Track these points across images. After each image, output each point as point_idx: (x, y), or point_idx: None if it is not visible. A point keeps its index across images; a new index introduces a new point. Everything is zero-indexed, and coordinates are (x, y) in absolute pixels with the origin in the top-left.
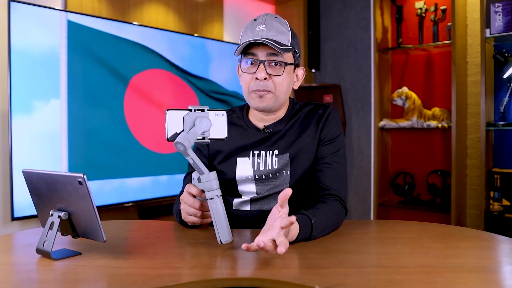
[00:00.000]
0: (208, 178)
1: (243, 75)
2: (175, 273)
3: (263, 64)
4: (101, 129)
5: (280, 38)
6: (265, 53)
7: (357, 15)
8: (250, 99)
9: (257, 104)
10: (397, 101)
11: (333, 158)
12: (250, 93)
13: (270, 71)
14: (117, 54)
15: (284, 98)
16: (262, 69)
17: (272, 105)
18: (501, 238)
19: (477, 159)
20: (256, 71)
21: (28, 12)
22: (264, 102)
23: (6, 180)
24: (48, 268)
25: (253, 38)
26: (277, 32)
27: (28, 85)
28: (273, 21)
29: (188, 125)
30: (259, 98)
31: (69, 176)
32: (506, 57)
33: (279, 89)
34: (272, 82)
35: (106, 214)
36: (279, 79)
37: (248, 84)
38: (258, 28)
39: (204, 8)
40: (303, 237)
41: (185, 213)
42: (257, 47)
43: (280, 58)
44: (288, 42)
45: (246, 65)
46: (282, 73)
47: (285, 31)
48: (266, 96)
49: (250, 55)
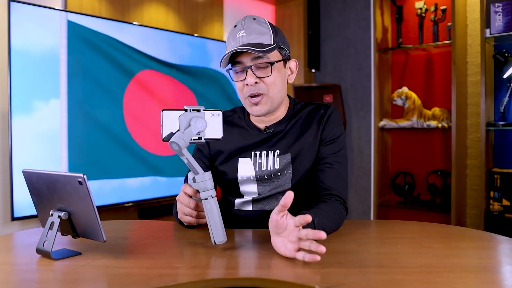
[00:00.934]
0: (203, 178)
1: (236, 84)
2: (175, 273)
3: (250, 69)
4: (101, 129)
5: (261, 40)
6: (249, 59)
7: (357, 15)
8: (247, 106)
9: (254, 112)
10: (397, 101)
11: (334, 158)
12: (245, 100)
13: (259, 73)
14: (117, 55)
15: (280, 96)
16: (251, 74)
17: (269, 108)
18: (501, 238)
19: (477, 159)
20: (245, 78)
21: (28, 12)
22: (261, 109)
23: (6, 180)
24: (48, 268)
25: (234, 48)
26: (258, 34)
27: (28, 85)
28: (252, 23)
29: (184, 125)
30: (254, 106)
31: (69, 176)
32: (506, 57)
33: (272, 89)
34: (263, 84)
35: (106, 214)
36: (270, 79)
37: (242, 91)
38: (238, 35)
39: (204, 8)
40: None
41: (181, 213)
42: (241, 55)
43: (266, 59)
44: (271, 41)
45: (235, 74)
46: (270, 74)
47: (265, 31)
48: (261, 102)
49: (237, 63)
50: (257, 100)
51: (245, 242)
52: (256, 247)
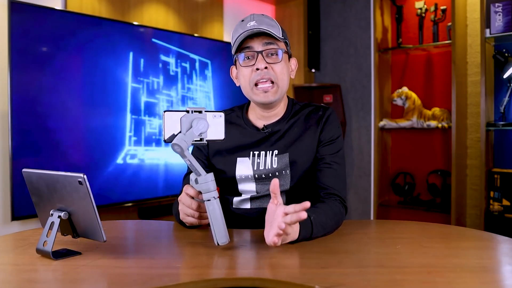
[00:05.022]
0: (205, 179)
1: (242, 70)
2: (175, 273)
3: (261, 54)
4: (101, 129)
5: (272, 30)
6: (261, 44)
7: (357, 15)
8: (254, 95)
9: (263, 99)
10: (397, 101)
11: (332, 159)
12: (253, 88)
13: (269, 60)
14: (117, 55)
15: (285, 88)
16: (261, 59)
17: (277, 97)
18: (501, 238)
19: (477, 159)
20: (255, 63)
21: (28, 12)
22: (269, 96)
23: (6, 180)
24: (48, 268)
25: (249, 30)
26: (268, 25)
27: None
28: (262, 17)
29: (185, 127)
30: (264, 93)
31: (69, 176)
32: (506, 57)
33: (281, 78)
34: (272, 71)
35: (106, 214)
36: (279, 67)
37: (249, 77)
38: (248, 25)
39: (204, 8)
40: (304, 236)
41: (183, 214)
42: (251, 40)
43: (276, 46)
44: (280, 34)
45: (244, 59)
46: (281, 60)
47: (274, 24)
48: (271, 90)
49: (246, 49)
50: (266, 88)
51: (245, 242)
52: (256, 247)
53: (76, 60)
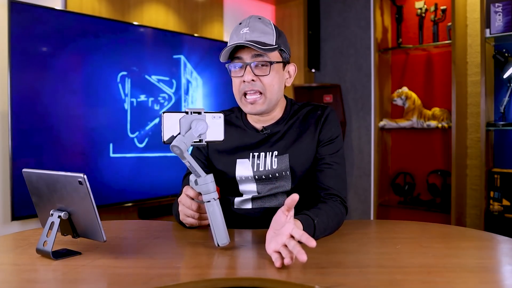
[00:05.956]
0: (205, 181)
1: (233, 79)
2: (175, 273)
3: (249, 66)
4: (101, 129)
5: (264, 39)
6: (250, 55)
7: (357, 15)
8: (242, 105)
9: (249, 110)
10: (397, 101)
11: (332, 159)
12: (241, 98)
13: (257, 72)
14: (117, 55)
15: (276, 98)
16: (249, 71)
17: (265, 108)
18: (501, 238)
19: (477, 159)
20: (243, 74)
21: (28, 12)
22: (257, 107)
23: (6, 180)
24: (48, 268)
25: (236, 42)
26: (261, 33)
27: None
28: (257, 22)
29: (185, 128)
30: (250, 104)
31: (69, 176)
32: (506, 57)
33: (270, 89)
34: (261, 82)
35: (106, 214)
36: (268, 79)
37: (238, 87)
38: (242, 32)
39: (204, 8)
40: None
41: (183, 215)
42: (242, 50)
43: (266, 58)
44: (273, 42)
45: (234, 69)
46: (269, 73)
47: (269, 31)
48: (258, 102)
49: (237, 59)
50: (253, 100)
51: (245, 242)
52: (256, 247)
53: (76, 60)
